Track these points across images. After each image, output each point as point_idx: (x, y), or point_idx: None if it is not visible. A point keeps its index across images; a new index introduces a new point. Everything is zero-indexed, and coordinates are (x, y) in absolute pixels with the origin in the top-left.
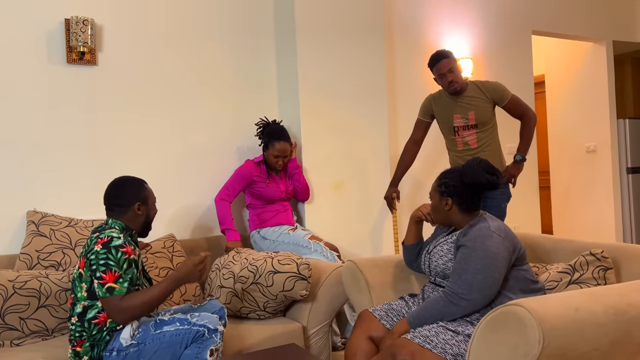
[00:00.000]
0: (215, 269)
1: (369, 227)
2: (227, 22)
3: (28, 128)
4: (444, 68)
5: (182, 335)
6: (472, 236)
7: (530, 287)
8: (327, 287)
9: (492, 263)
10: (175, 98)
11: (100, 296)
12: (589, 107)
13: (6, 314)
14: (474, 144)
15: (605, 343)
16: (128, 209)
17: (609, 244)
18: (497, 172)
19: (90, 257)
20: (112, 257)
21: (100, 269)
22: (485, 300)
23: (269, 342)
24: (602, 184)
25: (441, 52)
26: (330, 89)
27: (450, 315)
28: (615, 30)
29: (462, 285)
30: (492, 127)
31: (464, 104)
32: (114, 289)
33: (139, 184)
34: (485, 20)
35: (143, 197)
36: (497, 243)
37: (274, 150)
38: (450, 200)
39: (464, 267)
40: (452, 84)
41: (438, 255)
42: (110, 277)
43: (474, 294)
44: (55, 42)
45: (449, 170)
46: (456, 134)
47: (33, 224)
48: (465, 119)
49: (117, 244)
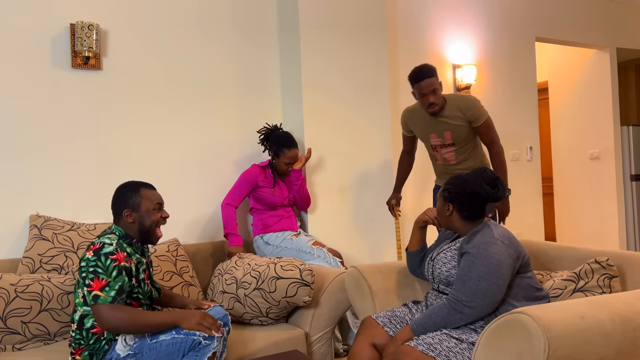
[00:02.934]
0: (218, 274)
1: (372, 233)
2: (231, 27)
3: (32, 132)
4: (426, 88)
5: (179, 344)
6: (476, 243)
7: (535, 295)
8: (330, 293)
9: (495, 270)
10: (180, 103)
11: (89, 304)
12: (593, 114)
13: (8, 318)
14: (452, 160)
15: (610, 352)
16: (120, 216)
17: (614, 251)
18: (500, 184)
19: (81, 265)
20: (100, 264)
21: (89, 277)
22: (489, 308)
23: (271, 348)
24: (605, 191)
25: (425, 70)
26: (334, 92)
27: (454, 322)
28: (618, 37)
29: (466, 292)
30: (471, 143)
31: (439, 124)
32: (99, 296)
33: (133, 190)
34: (489, 27)
35: (133, 204)
36: (500, 250)
37: (285, 158)
38: (451, 206)
39: (468, 274)
40: (432, 105)
41: (442, 262)
42: (97, 285)
43: (477, 301)
44: (60, 46)
45: (456, 176)
46: (434, 150)
47: (36, 228)
48: (442, 139)
49: (107, 251)
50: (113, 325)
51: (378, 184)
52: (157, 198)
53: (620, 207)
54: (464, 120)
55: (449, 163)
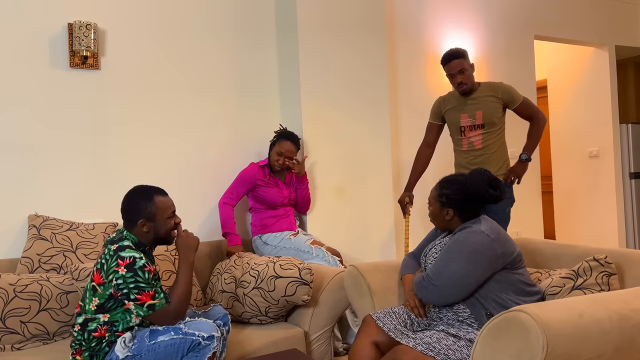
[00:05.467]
0: (217, 274)
1: (371, 232)
2: (230, 28)
3: (30, 132)
4: (454, 69)
5: (178, 345)
6: (460, 232)
7: (526, 290)
8: (329, 292)
9: (468, 257)
10: (178, 103)
11: (143, 315)
12: (592, 112)
13: (7, 318)
14: (478, 145)
15: (609, 349)
16: (134, 225)
17: (612, 249)
18: (500, 185)
19: (118, 282)
20: (140, 278)
21: (133, 292)
22: (454, 290)
23: (270, 347)
24: (604, 189)
25: (453, 52)
26: (332, 93)
27: (421, 295)
28: (617, 35)
29: (434, 271)
30: (499, 129)
31: (472, 104)
32: (154, 305)
33: (147, 199)
34: (487, 25)
35: (148, 214)
36: (480, 241)
37: (278, 147)
38: (451, 211)
39: (441, 255)
40: (461, 85)
41: (432, 257)
42: (146, 296)
43: (441, 280)
44: (58, 46)
45: (451, 180)
46: (462, 134)
47: (34, 228)
48: (473, 119)
49: (141, 264)
50: (182, 314)
51: (377, 183)
52: (170, 205)
53: (619, 205)
54: (497, 100)
55: (474, 148)
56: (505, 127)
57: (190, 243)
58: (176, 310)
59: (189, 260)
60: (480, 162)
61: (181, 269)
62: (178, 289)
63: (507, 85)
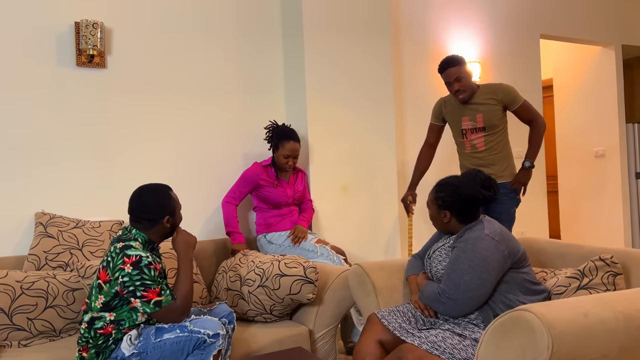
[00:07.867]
0: (222, 272)
1: (375, 230)
2: (235, 26)
3: (37, 130)
4: (450, 77)
5: (183, 342)
6: (465, 238)
7: (532, 289)
8: (334, 290)
9: (480, 265)
10: (183, 101)
11: (150, 312)
12: (598, 112)
13: (14, 315)
14: (481, 147)
15: (614, 349)
16: (157, 223)
17: (618, 249)
18: (494, 185)
19: (124, 280)
20: (146, 276)
21: (139, 289)
22: (472, 302)
23: (275, 345)
24: (610, 188)
25: (450, 60)
26: (338, 92)
27: (440, 312)
28: (624, 34)
29: (450, 284)
30: (501, 130)
31: (472, 107)
32: (160, 301)
33: (166, 196)
34: (493, 24)
35: (171, 209)
36: (488, 246)
37: (284, 150)
38: (448, 213)
39: (453, 267)
40: (458, 92)
41: (437, 260)
42: (152, 293)
43: (459, 294)
44: (65, 45)
45: (445, 183)
46: (464, 136)
47: (41, 225)
48: (474, 122)
49: (147, 262)
50: (187, 310)
51: (381, 182)
52: (177, 198)
53: (625, 204)
54: (497, 102)
55: (477, 150)
56: (507, 126)
57: (189, 240)
58: (182, 307)
59: (189, 257)
60: (484, 163)
61: (182, 266)
62: (182, 286)
63: (507, 85)
